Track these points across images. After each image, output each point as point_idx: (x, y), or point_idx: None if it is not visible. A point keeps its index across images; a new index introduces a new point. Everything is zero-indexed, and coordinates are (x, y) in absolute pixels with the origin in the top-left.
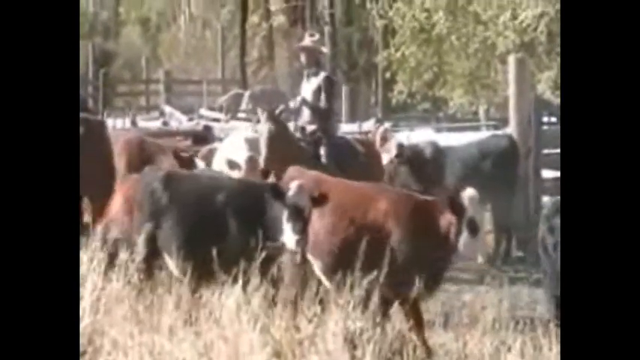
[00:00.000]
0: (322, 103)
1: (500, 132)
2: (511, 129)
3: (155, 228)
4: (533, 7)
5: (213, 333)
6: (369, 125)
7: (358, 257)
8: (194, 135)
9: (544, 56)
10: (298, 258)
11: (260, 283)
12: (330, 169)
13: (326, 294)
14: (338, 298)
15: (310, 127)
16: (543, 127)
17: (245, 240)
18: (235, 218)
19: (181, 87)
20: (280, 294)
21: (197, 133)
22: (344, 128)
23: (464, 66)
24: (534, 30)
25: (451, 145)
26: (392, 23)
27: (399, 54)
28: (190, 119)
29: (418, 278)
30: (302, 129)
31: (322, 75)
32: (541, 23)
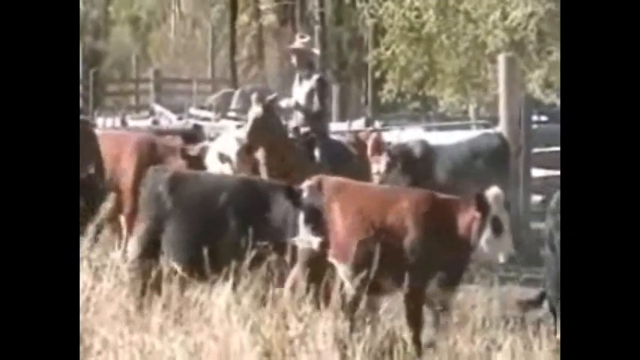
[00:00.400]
0: (316, 106)
1: (490, 131)
2: (501, 128)
3: (158, 230)
4: (523, 6)
5: (203, 332)
6: (360, 124)
7: (378, 259)
8: (184, 134)
9: (534, 55)
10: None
11: (250, 283)
12: (325, 170)
13: (316, 293)
14: (363, 302)
15: (303, 129)
16: (533, 126)
17: (250, 239)
18: (240, 218)
19: (171, 86)
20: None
21: (187, 132)
22: (334, 127)
23: (454, 65)
24: (524, 29)
25: (441, 144)
26: (382, 22)
27: (389, 53)
28: (180, 118)
29: (435, 277)
30: (296, 130)
31: (315, 77)
32: (531, 22)
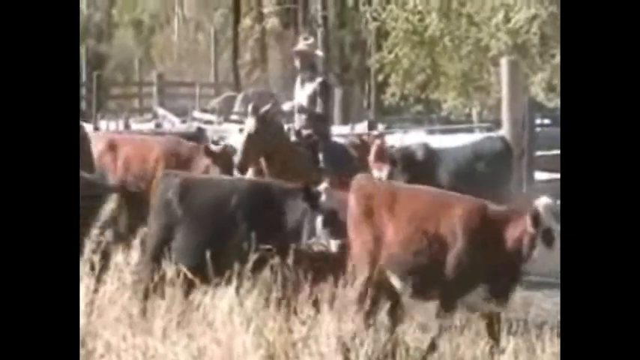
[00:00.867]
0: (319, 109)
1: (493, 134)
2: (504, 131)
3: (168, 237)
4: (525, 9)
5: (206, 335)
6: (362, 127)
7: (432, 269)
8: (187, 137)
9: (537, 58)
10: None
11: (253, 286)
12: (329, 173)
13: (320, 295)
14: (416, 314)
15: (306, 131)
16: (536, 129)
17: (262, 243)
18: (252, 221)
19: (174, 89)
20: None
21: (190, 135)
22: (337, 130)
23: (457, 68)
24: (527, 32)
25: (444, 147)
26: (385, 25)
27: (392, 56)
28: (183, 121)
29: (478, 288)
30: (298, 133)
31: (318, 80)
32: (534, 25)
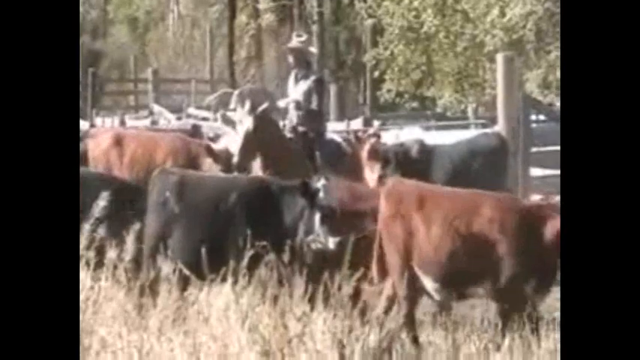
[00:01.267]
0: (314, 105)
1: (489, 130)
2: (499, 127)
3: (165, 235)
4: (521, 6)
5: (202, 332)
6: (358, 124)
7: (467, 270)
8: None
9: (532, 54)
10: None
11: (248, 282)
12: (325, 171)
13: (314, 292)
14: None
15: (301, 128)
16: (532, 126)
17: (259, 240)
18: (250, 218)
19: (170, 86)
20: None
21: (185, 132)
22: (332, 126)
23: (452, 64)
24: (522, 28)
25: (439, 144)
26: (380, 22)
27: (388, 53)
28: (179, 118)
29: (527, 284)
30: (294, 129)
31: (313, 77)
32: (529, 21)
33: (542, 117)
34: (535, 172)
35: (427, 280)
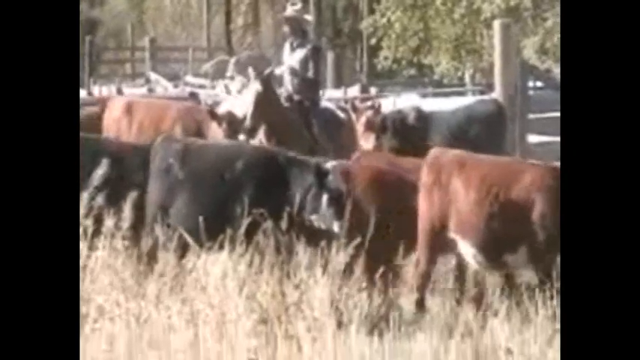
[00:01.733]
0: (310, 74)
1: (486, 97)
2: (497, 94)
3: (168, 202)
4: None
5: (199, 300)
6: (355, 91)
7: (506, 236)
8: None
9: (530, 21)
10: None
11: (245, 250)
12: (322, 139)
13: (312, 260)
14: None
15: (297, 97)
16: (529, 92)
17: (267, 211)
18: (256, 189)
19: (167, 54)
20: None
21: (183, 100)
22: (329, 94)
23: (449, 31)
24: None
25: (437, 111)
26: None
27: (385, 20)
28: (176, 86)
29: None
30: (290, 98)
31: (309, 45)
32: None
33: (539, 84)
34: (532, 139)
35: (465, 245)
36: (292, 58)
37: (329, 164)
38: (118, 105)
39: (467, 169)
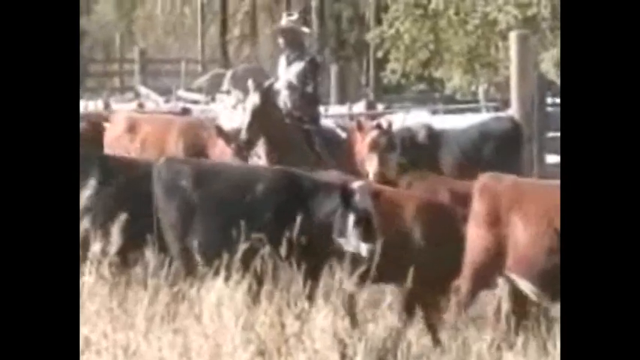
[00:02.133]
0: (309, 88)
1: (502, 114)
2: (513, 110)
3: (184, 227)
4: None
5: (193, 330)
6: (360, 107)
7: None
8: None
9: (548, 33)
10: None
11: (242, 277)
12: (324, 156)
13: (313, 289)
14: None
15: (296, 113)
16: (547, 109)
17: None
18: (280, 212)
19: (158, 67)
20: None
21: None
22: (333, 110)
23: (462, 43)
24: (537, 4)
25: (448, 129)
26: None
27: (393, 30)
28: (167, 101)
29: None
30: (290, 114)
31: (307, 58)
32: None
33: (558, 100)
34: (551, 159)
35: (525, 283)
36: (289, 72)
37: (355, 184)
38: (120, 121)
39: (525, 200)
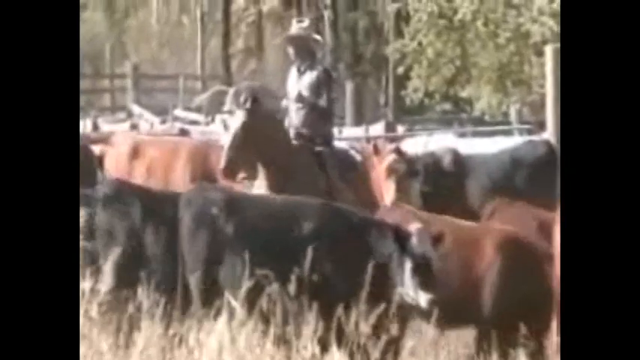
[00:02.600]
0: (322, 102)
1: (536, 137)
2: (549, 134)
3: (215, 261)
4: None
5: None
6: (378, 129)
7: None
8: None
9: None
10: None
11: (247, 318)
12: (335, 182)
13: (326, 331)
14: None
15: (306, 133)
16: None
17: (346, 283)
18: (327, 252)
19: (153, 83)
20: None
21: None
22: (348, 132)
23: (492, 58)
24: None
25: (476, 154)
26: (406, 7)
27: (415, 44)
28: (163, 121)
29: None
30: (300, 135)
31: (320, 68)
32: None
33: None
34: None
35: None
36: (300, 84)
37: (412, 226)
38: (124, 144)
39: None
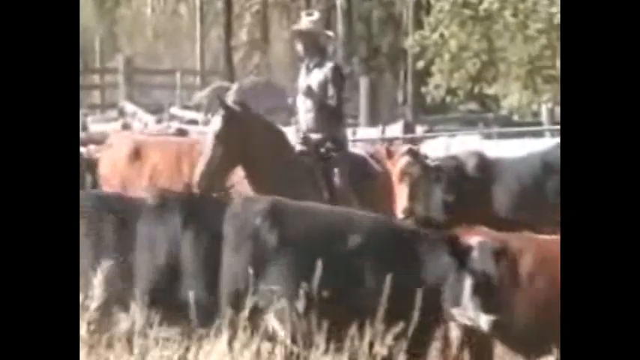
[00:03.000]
0: (332, 101)
1: None
2: None
3: (257, 273)
4: None
5: None
6: (396, 130)
7: None
8: None
9: None
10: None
11: (251, 338)
12: (345, 193)
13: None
14: None
15: (315, 136)
16: None
17: (398, 299)
18: (377, 268)
19: (147, 78)
20: None
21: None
22: (362, 133)
23: (521, 52)
24: None
25: (504, 157)
26: None
27: (436, 36)
28: (159, 120)
29: None
30: (305, 138)
31: (330, 64)
32: None
33: None
34: None
35: None
36: (308, 82)
37: (473, 239)
38: (123, 146)
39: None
